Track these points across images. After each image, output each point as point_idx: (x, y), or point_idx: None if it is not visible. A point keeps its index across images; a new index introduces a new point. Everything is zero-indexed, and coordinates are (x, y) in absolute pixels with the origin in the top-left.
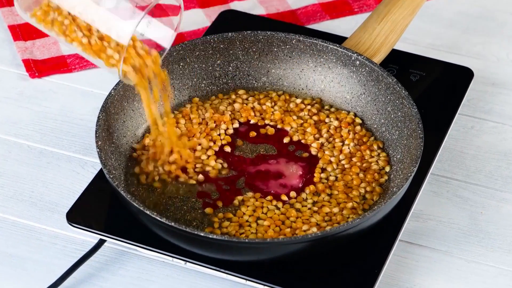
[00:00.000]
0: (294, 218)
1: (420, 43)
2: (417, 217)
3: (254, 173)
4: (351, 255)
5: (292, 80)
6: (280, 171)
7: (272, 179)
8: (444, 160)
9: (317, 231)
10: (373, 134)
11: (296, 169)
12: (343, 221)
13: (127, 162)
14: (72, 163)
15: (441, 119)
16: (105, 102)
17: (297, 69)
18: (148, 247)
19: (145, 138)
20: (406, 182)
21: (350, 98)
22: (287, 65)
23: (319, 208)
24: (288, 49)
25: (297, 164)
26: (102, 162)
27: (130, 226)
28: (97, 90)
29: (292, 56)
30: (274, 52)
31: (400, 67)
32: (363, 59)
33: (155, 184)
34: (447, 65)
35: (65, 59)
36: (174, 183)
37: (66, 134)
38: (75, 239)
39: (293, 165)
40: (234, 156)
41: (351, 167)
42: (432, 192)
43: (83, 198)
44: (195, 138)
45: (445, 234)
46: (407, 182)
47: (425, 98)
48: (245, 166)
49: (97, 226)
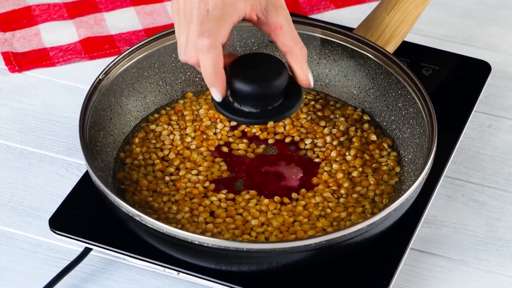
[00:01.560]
0: (298, 223)
1: (433, 35)
2: (430, 223)
3: (254, 175)
4: (358, 265)
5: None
6: (282, 173)
7: (273, 181)
8: (459, 161)
9: (322, 239)
10: (382, 132)
11: (299, 171)
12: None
13: (115, 163)
14: (55, 164)
15: (456, 117)
16: (89, 97)
17: None
18: (138, 256)
19: (135, 139)
20: (418, 185)
21: (357, 93)
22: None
23: (326, 213)
24: None
25: (300, 165)
26: (88, 163)
27: (119, 233)
28: (83, 86)
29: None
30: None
31: (412, 61)
32: (371, 48)
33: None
34: (462, 58)
35: (48, 52)
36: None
37: (48, 133)
38: (59, 247)
39: (296, 166)
40: (232, 157)
41: (359, 168)
42: (446, 196)
43: (67, 202)
44: (189, 137)
45: (460, 241)
46: (419, 185)
47: (439, 94)
48: (244, 167)
49: (82, 233)
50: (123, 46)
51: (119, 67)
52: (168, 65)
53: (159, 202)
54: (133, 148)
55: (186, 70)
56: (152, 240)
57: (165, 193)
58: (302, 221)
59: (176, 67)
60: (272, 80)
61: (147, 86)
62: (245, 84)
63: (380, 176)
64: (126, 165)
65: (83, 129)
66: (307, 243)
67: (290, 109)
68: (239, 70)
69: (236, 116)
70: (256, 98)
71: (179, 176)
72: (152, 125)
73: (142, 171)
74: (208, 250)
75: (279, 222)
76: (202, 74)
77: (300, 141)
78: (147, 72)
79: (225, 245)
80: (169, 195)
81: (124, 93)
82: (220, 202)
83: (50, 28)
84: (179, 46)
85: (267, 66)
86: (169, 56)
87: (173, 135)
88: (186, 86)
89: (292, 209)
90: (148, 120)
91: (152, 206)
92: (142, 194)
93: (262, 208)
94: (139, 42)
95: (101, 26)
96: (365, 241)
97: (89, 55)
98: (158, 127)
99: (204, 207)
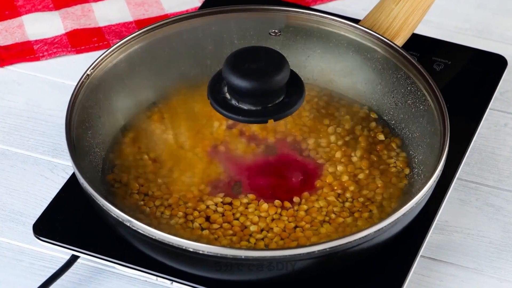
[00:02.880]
0: (300, 229)
1: (445, 26)
2: (442, 229)
3: (253, 177)
4: (365, 274)
5: (296, 69)
6: (283, 175)
7: (273, 183)
8: (473, 163)
9: (326, 246)
10: (390, 131)
11: (301, 173)
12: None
13: (104, 165)
14: (39, 166)
15: (470, 115)
16: (76, 93)
17: (302, 56)
18: (129, 264)
19: (125, 138)
20: (429, 188)
21: (363, 90)
22: (289, 50)
23: (330, 218)
24: (292, 31)
25: (302, 166)
26: (74, 164)
27: (108, 240)
28: (69, 81)
29: (296, 40)
30: (275, 35)
31: (422, 55)
32: (379, 41)
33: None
34: (476, 52)
35: (32, 45)
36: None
37: (32, 133)
38: (44, 255)
39: (297, 167)
40: (229, 157)
41: (365, 170)
42: (459, 200)
43: (53, 207)
44: (183, 136)
45: (474, 249)
46: (430, 188)
47: (451, 90)
48: (242, 168)
49: (69, 239)
50: (113, 39)
51: (108, 62)
52: (161, 59)
53: (151, 206)
54: (123, 148)
55: (180, 64)
56: (144, 247)
57: (158, 197)
58: (304, 226)
59: (170, 61)
60: (273, 76)
61: (139, 82)
62: (243, 80)
63: (388, 179)
64: (115, 166)
65: (70, 128)
66: (310, 250)
67: (292, 107)
68: (237, 64)
69: (234, 114)
70: (255, 95)
71: (172, 179)
72: (144, 123)
73: (133, 173)
74: (203, 258)
75: (279, 228)
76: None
77: (302, 140)
78: (139, 67)
79: (221, 253)
80: (161, 199)
81: (113, 90)
82: (217, 207)
83: (34, 19)
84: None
85: (267, 61)
86: (162, 50)
87: (166, 135)
88: (180, 81)
89: (294, 214)
90: (139, 118)
91: (143, 211)
92: (132, 197)
93: (261, 213)
94: (130, 35)
95: (89, 18)
96: (372, 248)
97: (76, 49)
98: (150, 126)
99: (199, 212)
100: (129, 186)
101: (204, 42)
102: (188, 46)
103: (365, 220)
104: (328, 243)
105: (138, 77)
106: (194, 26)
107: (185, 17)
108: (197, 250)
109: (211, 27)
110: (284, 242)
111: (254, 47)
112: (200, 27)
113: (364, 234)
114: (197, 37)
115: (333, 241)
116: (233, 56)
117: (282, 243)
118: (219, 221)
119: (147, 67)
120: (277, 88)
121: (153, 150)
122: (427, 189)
